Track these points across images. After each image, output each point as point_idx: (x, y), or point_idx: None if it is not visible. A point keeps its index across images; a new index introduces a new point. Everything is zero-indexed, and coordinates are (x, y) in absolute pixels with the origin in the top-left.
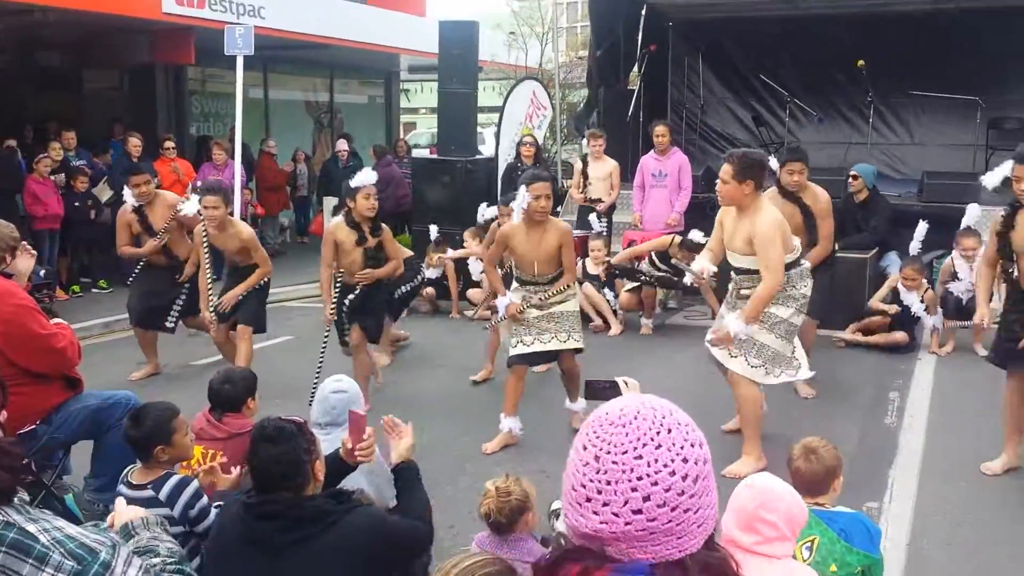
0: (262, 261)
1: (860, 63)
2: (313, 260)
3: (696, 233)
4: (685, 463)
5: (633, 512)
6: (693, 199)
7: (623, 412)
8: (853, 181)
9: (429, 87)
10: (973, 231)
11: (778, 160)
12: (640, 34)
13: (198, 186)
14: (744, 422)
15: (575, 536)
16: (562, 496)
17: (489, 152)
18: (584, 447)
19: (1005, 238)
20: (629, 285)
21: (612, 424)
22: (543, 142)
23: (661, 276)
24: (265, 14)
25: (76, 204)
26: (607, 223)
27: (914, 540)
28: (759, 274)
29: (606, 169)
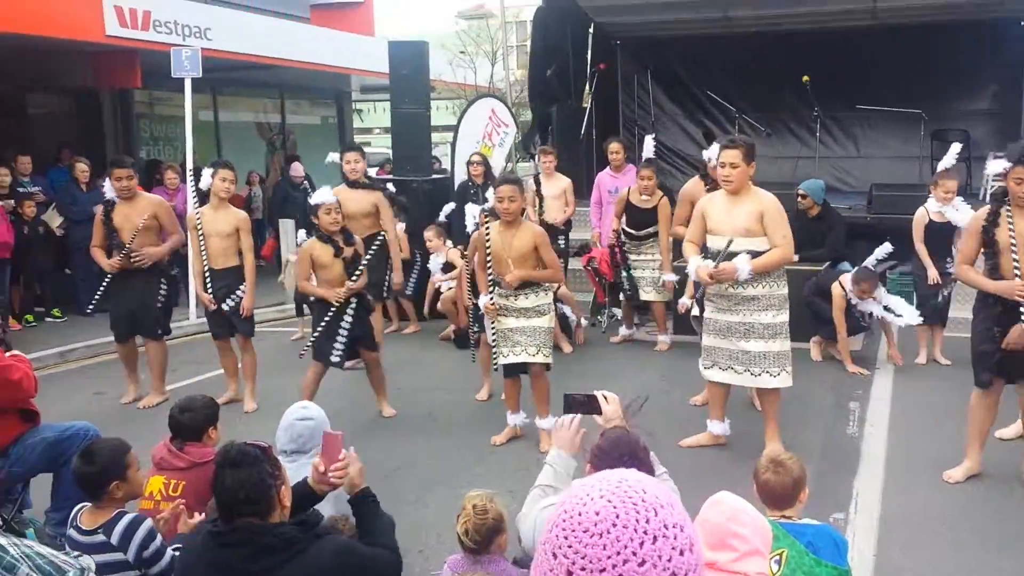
0: (248, 250)
1: (806, 79)
2: (267, 282)
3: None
4: None
5: None
6: None
7: (600, 517)
8: (801, 200)
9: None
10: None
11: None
12: (589, 53)
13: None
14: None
15: None
16: None
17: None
18: (554, 554)
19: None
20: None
21: (587, 532)
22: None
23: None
24: (212, 35)
25: (26, 231)
26: (564, 239)
27: (881, 550)
28: (755, 258)
29: (560, 186)
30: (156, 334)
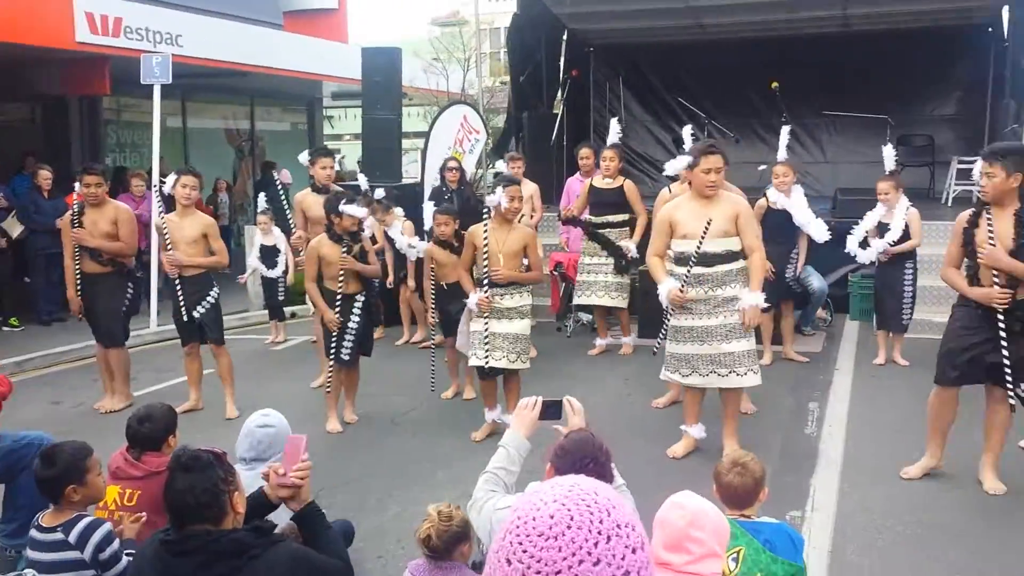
0: (220, 252)
1: (774, 85)
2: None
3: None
4: None
5: None
6: None
7: (555, 520)
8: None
9: (353, 113)
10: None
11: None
12: (562, 59)
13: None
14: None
15: None
16: None
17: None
18: (508, 560)
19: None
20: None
21: (542, 536)
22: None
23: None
24: (183, 42)
25: None
26: None
27: (836, 547)
28: (732, 259)
29: (527, 192)
30: (118, 340)
